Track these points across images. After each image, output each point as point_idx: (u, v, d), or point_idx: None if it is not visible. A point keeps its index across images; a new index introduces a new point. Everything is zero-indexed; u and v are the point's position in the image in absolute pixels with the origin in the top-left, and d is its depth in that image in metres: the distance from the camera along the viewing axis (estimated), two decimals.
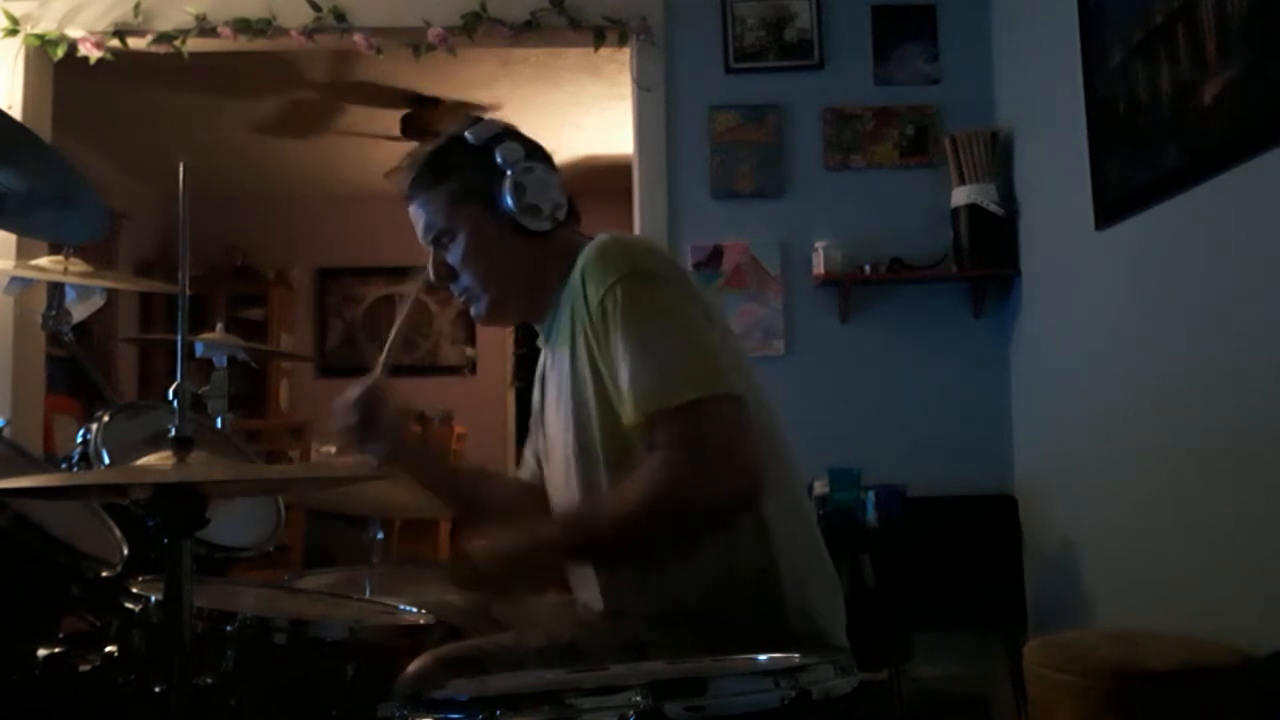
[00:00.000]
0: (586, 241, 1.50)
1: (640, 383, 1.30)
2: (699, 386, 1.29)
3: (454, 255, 1.53)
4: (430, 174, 1.53)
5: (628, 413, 1.32)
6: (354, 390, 1.62)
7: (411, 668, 1.28)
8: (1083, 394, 2.95)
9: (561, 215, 1.51)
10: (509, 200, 1.48)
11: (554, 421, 1.52)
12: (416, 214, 1.56)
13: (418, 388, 7.06)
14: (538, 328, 1.60)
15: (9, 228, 2.58)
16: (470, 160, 1.51)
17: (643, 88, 3.56)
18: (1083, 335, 2.95)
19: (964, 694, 3.29)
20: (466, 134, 1.52)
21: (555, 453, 1.52)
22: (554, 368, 1.53)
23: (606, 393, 1.38)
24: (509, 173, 1.48)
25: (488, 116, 1.57)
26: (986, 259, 3.37)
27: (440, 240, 1.54)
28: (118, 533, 1.74)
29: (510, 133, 1.55)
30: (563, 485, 1.50)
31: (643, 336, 1.32)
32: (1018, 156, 3.38)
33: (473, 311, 1.58)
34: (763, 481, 1.30)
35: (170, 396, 1.22)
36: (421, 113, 5.50)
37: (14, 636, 1.51)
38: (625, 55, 3.65)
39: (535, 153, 1.54)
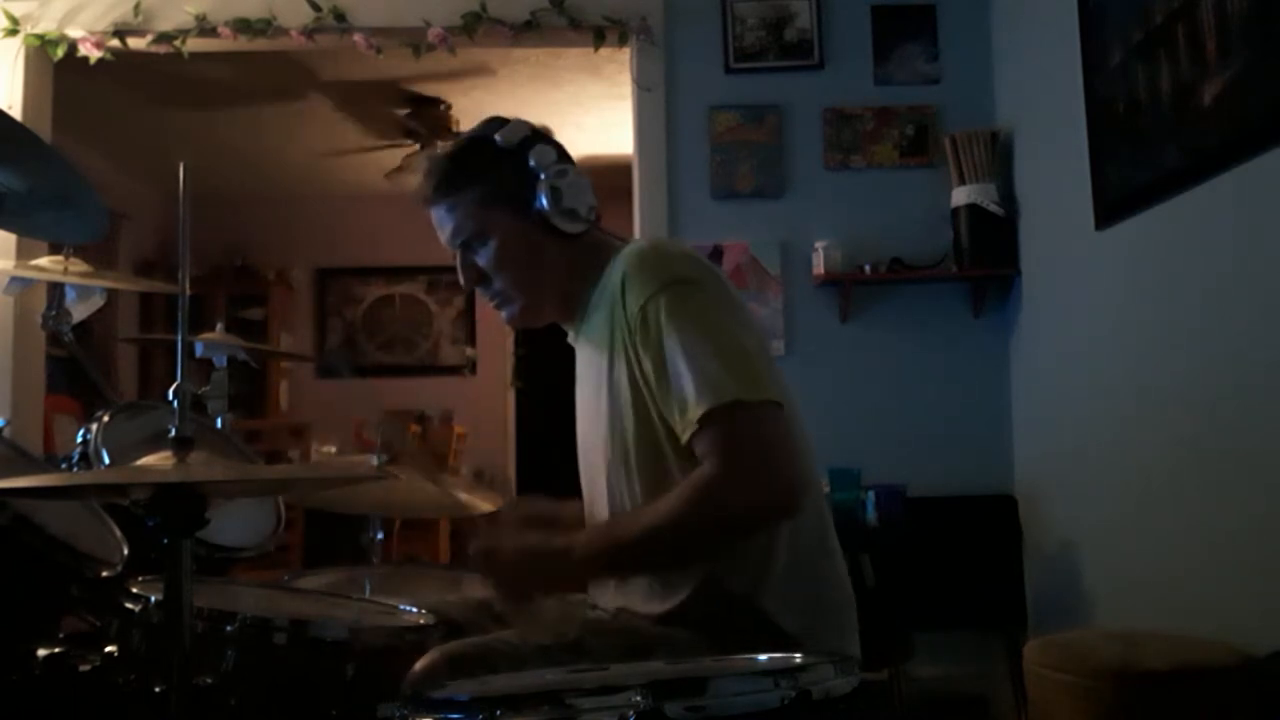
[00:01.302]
0: (614, 240, 1.50)
1: (685, 391, 1.31)
2: (741, 392, 1.28)
3: (485, 259, 1.51)
4: (457, 177, 1.50)
5: (678, 422, 1.32)
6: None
7: (419, 665, 1.28)
8: (1083, 394, 2.96)
9: (593, 218, 1.50)
10: (545, 204, 1.46)
11: (589, 420, 1.52)
12: (443, 218, 1.52)
13: (418, 388, 7.08)
14: (566, 327, 1.60)
15: (9, 228, 2.58)
16: (501, 163, 1.49)
17: (643, 88, 3.56)
18: (1083, 335, 2.95)
19: (964, 694, 3.28)
20: (496, 136, 1.49)
21: (591, 453, 1.52)
22: (588, 367, 1.52)
23: (644, 403, 1.38)
24: (543, 176, 1.46)
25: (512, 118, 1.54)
26: (986, 259, 3.37)
27: (470, 245, 1.51)
28: (118, 533, 1.74)
29: (539, 135, 1.53)
30: (598, 487, 1.50)
31: (686, 345, 1.32)
32: (1018, 156, 3.38)
33: (504, 315, 1.56)
34: (803, 493, 1.31)
35: (170, 396, 1.22)
36: (421, 113, 5.50)
37: (14, 636, 1.51)
38: (625, 55, 3.65)
39: (564, 155, 1.53)
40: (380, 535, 2.35)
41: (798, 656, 1.04)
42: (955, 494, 3.28)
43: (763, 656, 1.07)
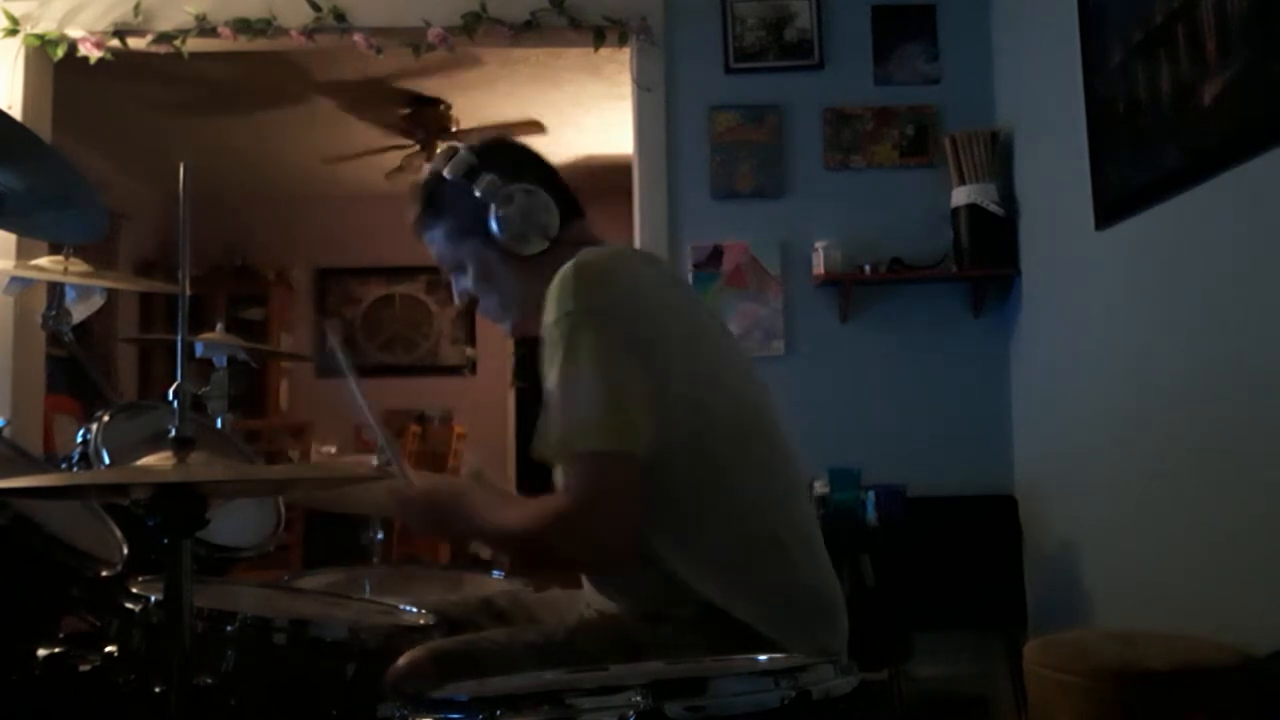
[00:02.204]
0: (580, 247, 1.49)
1: (554, 423, 1.34)
2: (601, 440, 1.30)
3: (469, 285, 1.58)
4: (426, 214, 1.58)
5: (548, 449, 1.35)
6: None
7: (403, 660, 1.28)
8: (1083, 394, 2.95)
9: (554, 232, 1.51)
10: (497, 234, 1.50)
11: None
12: (429, 246, 1.61)
13: (418, 388, 7.08)
14: None
15: (9, 228, 2.58)
16: (455, 197, 1.53)
17: (643, 88, 3.56)
18: (1083, 335, 2.95)
19: (964, 694, 3.28)
20: (445, 171, 1.53)
21: None
22: None
23: None
24: (491, 205, 1.50)
25: (463, 145, 1.57)
26: (986, 259, 3.37)
27: (454, 272, 1.60)
28: (118, 533, 1.74)
29: (485, 158, 1.53)
30: None
31: (567, 380, 1.33)
32: (1018, 156, 3.38)
33: (504, 328, 1.63)
34: (635, 547, 1.34)
35: (170, 396, 1.22)
36: (421, 113, 5.50)
37: (14, 636, 1.51)
38: (625, 55, 3.65)
39: (519, 172, 1.53)
40: (380, 535, 2.35)
41: (798, 656, 1.04)
42: (955, 494, 3.28)
43: (762, 657, 1.07)
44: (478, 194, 1.50)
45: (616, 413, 1.31)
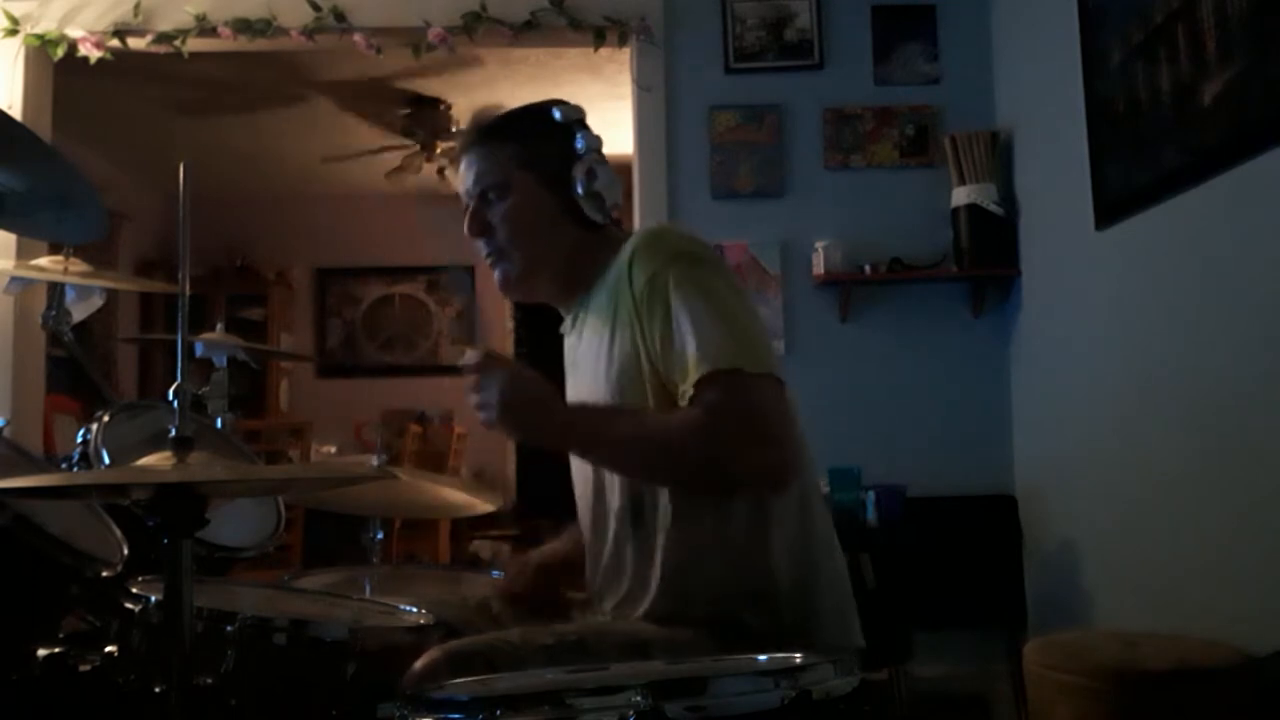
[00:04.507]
0: (628, 237, 1.51)
1: (688, 353, 1.32)
2: (748, 361, 1.31)
3: (497, 213, 1.53)
4: (503, 130, 1.55)
5: (683, 377, 1.32)
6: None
7: (419, 663, 1.28)
8: (1083, 394, 2.96)
9: (617, 214, 1.55)
10: (579, 182, 1.50)
11: (583, 400, 1.53)
12: (472, 163, 1.55)
13: (418, 388, 7.07)
14: (563, 312, 1.61)
15: (9, 228, 2.58)
16: (549, 133, 1.54)
17: (643, 88, 3.56)
18: (1083, 335, 2.95)
19: (964, 694, 3.28)
20: (554, 110, 1.54)
21: None
22: (585, 349, 1.53)
23: (642, 375, 1.39)
24: (588, 158, 1.51)
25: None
26: (986, 259, 3.37)
27: (487, 195, 1.53)
28: (118, 533, 1.74)
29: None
30: (586, 471, 1.51)
31: (693, 311, 1.34)
32: (1018, 156, 3.38)
33: (498, 273, 1.57)
34: (796, 468, 1.33)
35: (170, 396, 1.22)
36: (421, 113, 5.50)
37: (14, 636, 1.51)
38: (625, 55, 3.65)
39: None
40: (380, 535, 2.35)
41: (797, 656, 1.04)
42: (955, 494, 3.28)
43: (762, 657, 1.07)
44: (579, 143, 1.51)
45: (747, 339, 1.34)
